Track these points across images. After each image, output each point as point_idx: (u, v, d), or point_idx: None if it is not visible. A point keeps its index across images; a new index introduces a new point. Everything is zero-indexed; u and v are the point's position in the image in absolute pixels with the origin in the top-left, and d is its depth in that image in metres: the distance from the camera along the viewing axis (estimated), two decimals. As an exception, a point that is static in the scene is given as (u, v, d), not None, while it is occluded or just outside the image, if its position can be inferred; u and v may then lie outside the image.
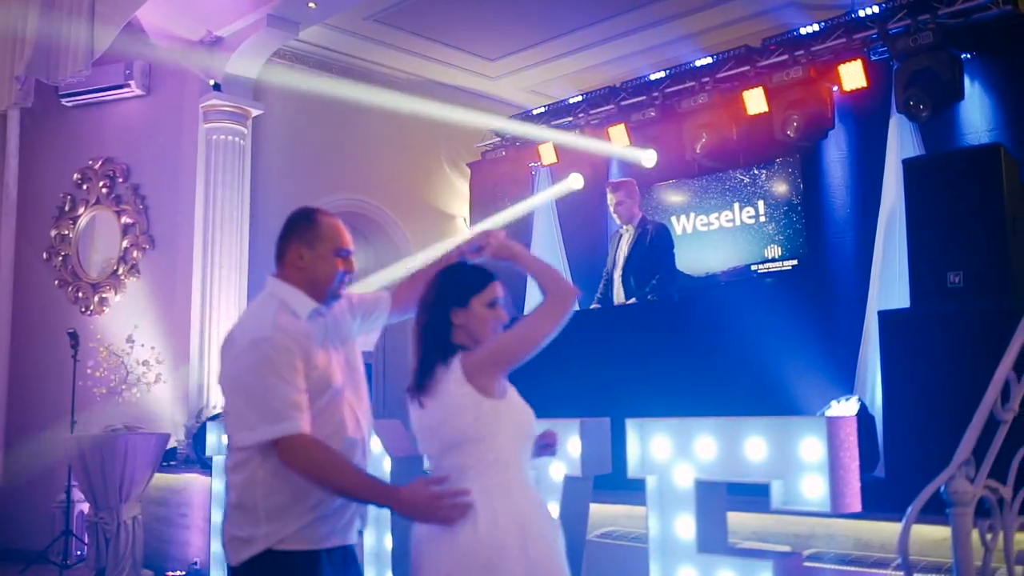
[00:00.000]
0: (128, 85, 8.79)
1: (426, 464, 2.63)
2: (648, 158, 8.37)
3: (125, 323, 8.60)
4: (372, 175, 10.15)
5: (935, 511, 2.44)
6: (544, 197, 9.30)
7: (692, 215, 8.12)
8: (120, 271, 8.94)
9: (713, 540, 2.70)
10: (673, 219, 8.13)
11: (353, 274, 2.76)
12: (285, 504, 2.53)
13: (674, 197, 8.35)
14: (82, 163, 9.24)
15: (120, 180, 9.06)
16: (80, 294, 9.09)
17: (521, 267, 2.65)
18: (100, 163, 9.13)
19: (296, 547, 2.53)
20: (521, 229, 9.37)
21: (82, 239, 9.27)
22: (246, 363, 2.53)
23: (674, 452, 2.72)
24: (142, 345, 8.22)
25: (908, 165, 4.83)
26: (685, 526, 2.69)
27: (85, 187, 9.21)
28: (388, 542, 3.73)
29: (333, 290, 2.71)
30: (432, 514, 2.37)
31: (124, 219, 8.99)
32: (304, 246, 2.69)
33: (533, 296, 7.69)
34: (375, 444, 3.81)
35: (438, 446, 2.49)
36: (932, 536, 3.44)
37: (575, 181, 9.06)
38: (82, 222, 9.25)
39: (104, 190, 9.11)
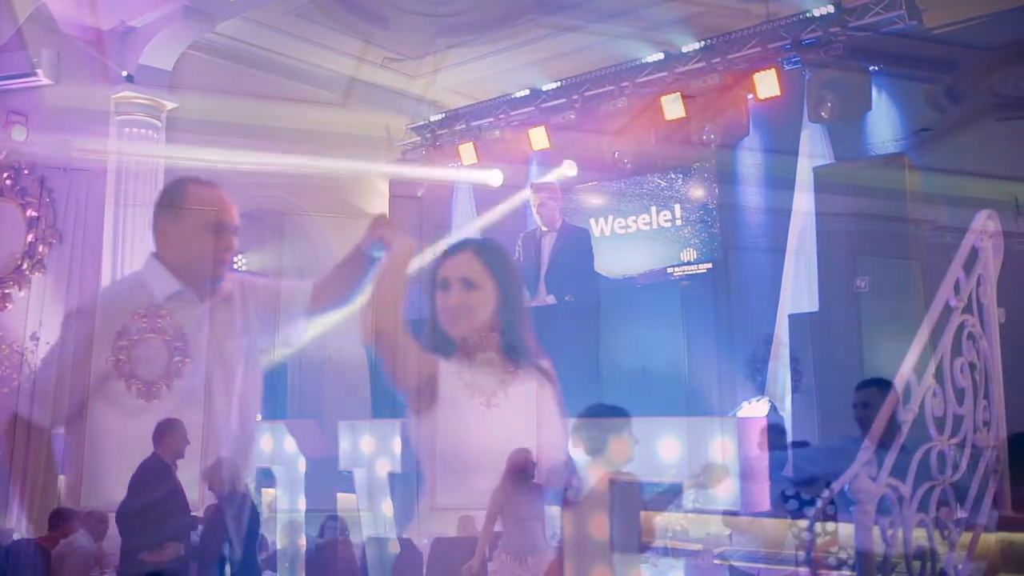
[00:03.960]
0: (35, 74, 8.47)
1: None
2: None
3: (29, 320, 8.29)
4: (291, 173, 9.98)
5: (840, 508, 2.51)
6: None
7: (610, 218, 8.20)
8: (24, 266, 8.63)
9: (627, 539, 2.72)
10: (592, 221, 8.20)
11: (233, 251, 2.46)
12: None
13: (593, 200, 8.42)
14: (-15, 153, 8.90)
15: (25, 172, 8.74)
16: (-19, 289, 8.75)
17: None
18: (4, 154, 8.80)
19: None
20: (439, 228, 9.33)
21: (-16, 232, 8.93)
22: None
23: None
24: (47, 343, 7.92)
25: (818, 173, 4.99)
26: (600, 526, 2.71)
27: (-12, 178, 8.88)
28: (302, 542, 3.67)
29: (207, 271, 2.43)
30: None
31: (29, 212, 8.68)
32: (168, 222, 2.43)
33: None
34: (289, 444, 3.75)
35: None
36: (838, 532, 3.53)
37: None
38: (-16, 215, 8.91)
39: (8, 182, 8.78)
